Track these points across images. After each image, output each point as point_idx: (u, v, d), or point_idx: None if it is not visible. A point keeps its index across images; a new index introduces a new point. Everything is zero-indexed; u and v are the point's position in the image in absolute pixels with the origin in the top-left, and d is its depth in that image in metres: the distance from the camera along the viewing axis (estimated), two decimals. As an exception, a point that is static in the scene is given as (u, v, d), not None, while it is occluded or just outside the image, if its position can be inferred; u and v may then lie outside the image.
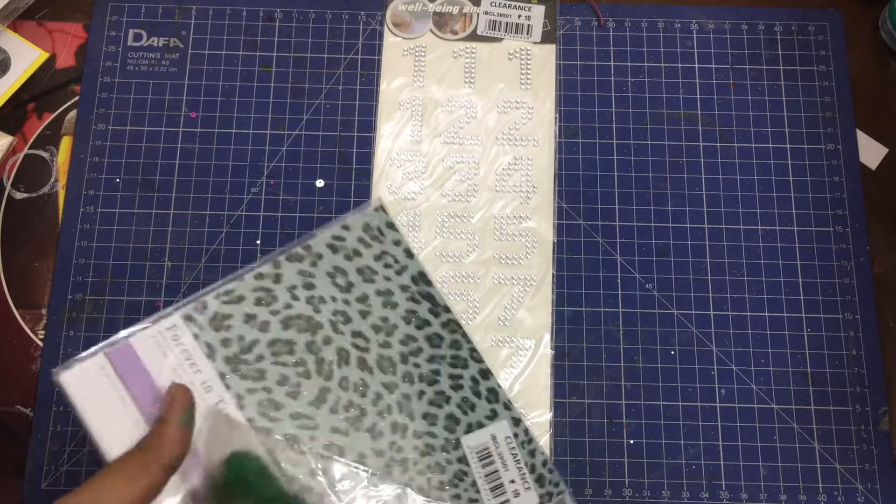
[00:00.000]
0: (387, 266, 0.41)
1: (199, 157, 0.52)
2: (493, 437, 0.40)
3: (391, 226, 0.42)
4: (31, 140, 0.53)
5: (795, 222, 0.51)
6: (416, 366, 0.40)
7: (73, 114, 0.53)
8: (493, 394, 0.40)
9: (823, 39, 0.55)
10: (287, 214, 0.51)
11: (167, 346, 0.37)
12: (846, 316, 0.50)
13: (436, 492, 0.39)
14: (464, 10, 0.55)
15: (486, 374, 0.40)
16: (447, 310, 0.41)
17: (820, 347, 0.49)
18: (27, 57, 0.54)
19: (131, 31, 0.55)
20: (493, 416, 0.40)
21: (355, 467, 0.38)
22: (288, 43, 0.55)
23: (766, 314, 0.49)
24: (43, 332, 0.49)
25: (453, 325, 0.41)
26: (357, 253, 0.41)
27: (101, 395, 0.36)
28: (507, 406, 0.40)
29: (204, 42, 0.54)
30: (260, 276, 0.39)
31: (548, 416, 0.48)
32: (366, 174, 0.52)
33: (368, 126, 0.53)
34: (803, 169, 0.52)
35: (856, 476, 0.47)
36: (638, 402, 0.48)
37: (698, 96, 0.54)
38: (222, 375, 0.38)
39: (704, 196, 0.52)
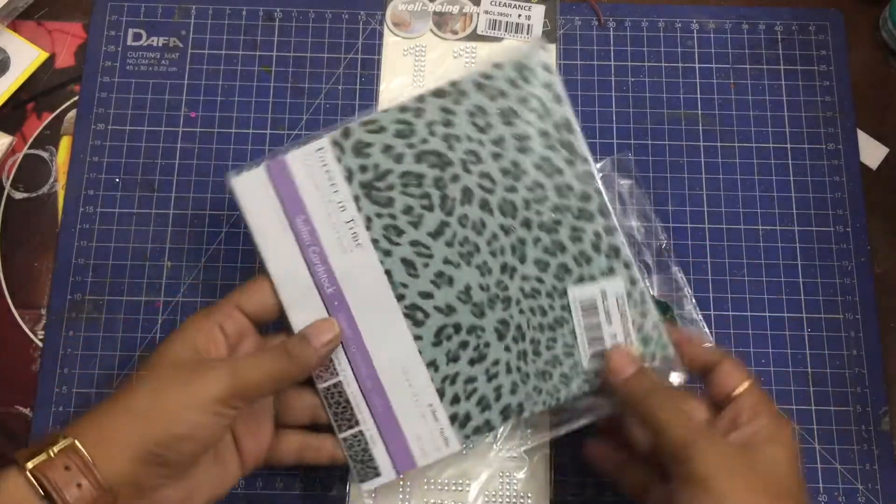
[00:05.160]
0: (531, 110, 0.41)
1: (199, 157, 0.52)
2: (603, 292, 0.41)
3: (547, 67, 0.41)
4: (31, 140, 0.53)
5: (796, 222, 0.51)
6: (538, 213, 0.41)
7: (72, 114, 0.53)
8: (615, 251, 0.41)
9: (824, 39, 0.55)
10: (287, 214, 0.51)
11: (313, 165, 0.41)
12: (847, 316, 0.49)
13: (534, 332, 0.41)
14: (464, 10, 0.55)
15: (611, 230, 0.41)
16: (585, 161, 0.41)
17: (820, 347, 0.49)
18: (27, 57, 0.54)
19: (131, 31, 0.55)
20: (609, 272, 0.41)
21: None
22: (288, 43, 0.55)
23: (767, 314, 0.49)
24: (42, 332, 0.49)
25: (587, 177, 0.41)
26: (502, 94, 0.41)
27: (263, 209, 0.41)
28: (627, 265, 0.41)
29: (204, 42, 0.54)
30: (403, 109, 0.41)
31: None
32: (366, 174, 0.52)
33: (368, 126, 0.53)
34: (804, 169, 0.52)
35: (856, 476, 0.47)
36: (638, 402, 0.48)
37: (698, 96, 0.54)
38: (356, 198, 0.41)
39: (704, 196, 0.52)
